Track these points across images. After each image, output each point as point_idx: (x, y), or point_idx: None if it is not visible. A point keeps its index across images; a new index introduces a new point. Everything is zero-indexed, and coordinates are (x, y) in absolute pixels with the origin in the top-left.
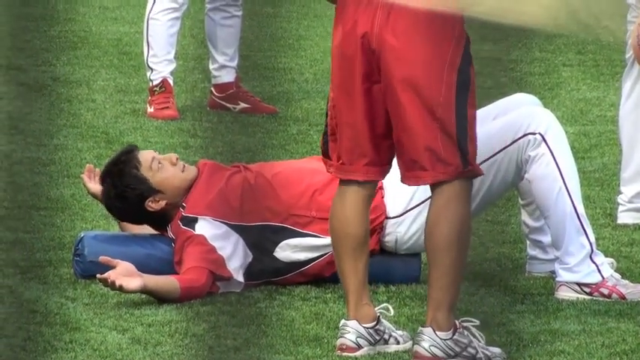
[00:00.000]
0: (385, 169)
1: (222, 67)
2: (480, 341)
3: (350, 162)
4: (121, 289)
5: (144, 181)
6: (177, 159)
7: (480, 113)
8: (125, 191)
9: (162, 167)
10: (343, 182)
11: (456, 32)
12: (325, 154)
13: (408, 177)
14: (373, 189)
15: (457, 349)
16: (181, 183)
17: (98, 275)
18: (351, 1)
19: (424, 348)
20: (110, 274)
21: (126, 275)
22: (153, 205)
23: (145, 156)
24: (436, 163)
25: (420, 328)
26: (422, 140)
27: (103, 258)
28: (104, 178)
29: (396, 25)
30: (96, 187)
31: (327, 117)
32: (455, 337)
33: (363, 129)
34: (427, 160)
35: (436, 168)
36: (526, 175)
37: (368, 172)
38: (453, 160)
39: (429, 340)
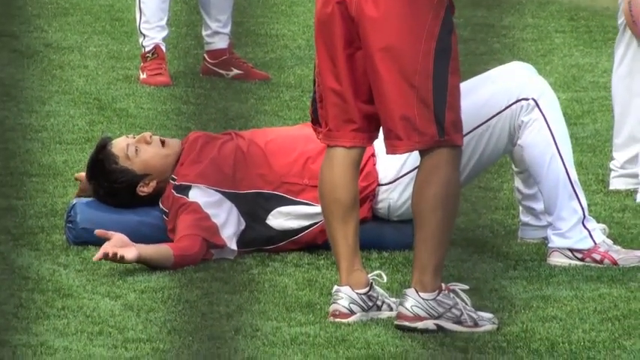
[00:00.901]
0: (373, 135)
1: (215, 33)
2: (466, 304)
3: (337, 128)
4: (122, 259)
5: (127, 172)
6: (150, 136)
7: (474, 81)
8: (113, 187)
9: (140, 150)
10: (331, 148)
11: (435, 1)
12: (315, 121)
13: (386, 145)
14: (361, 154)
15: (440, 309)
16: (164, 159)
17: (96, 257)
18: None
19: (406, 308)
20: (106, 248)
21: (121, 246)
22: (144, 189)
23: (119, 146)
24: (411, 133)
25: (404, 289)
26: (398, 109)
27: (98, 231)
28: (89, 180)
29: None
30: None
31: (314, 84)
32: (438, 297)
33: (349, 95)
34: (402, 129)
35: (411, 137)
36: (519, 142)
37: (355, 137)
38: (429, 130)
39: (412, 300)
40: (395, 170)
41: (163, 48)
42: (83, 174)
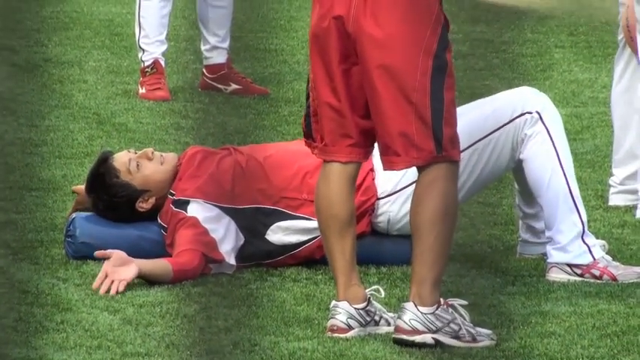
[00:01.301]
0: (369, 150)
1: (214, 48)
2: (464, 319)
3: (333, 143)
4: (124, 286)
5: (127, 186)
6: (152, 152)
7: (480, 100)
8: (113, 201)
9: (141, 166)
10: (327, 163)
11: (433, 18)
12: (307, 136)
13: (383, 162)
14: (357, 169)
15: (439, 323)
16: (163, 175)
17: (99, 288)
18: None
19: (404, 321)
20: (106, 268)
21: (120, 265)
22: (143, 205)
23: (121, 160)
24: (410, 149)
25: (403, 303)
26: (396, 125)
27: (97, 253)
28: (89, 193)
29: (373, 10)
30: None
31: (308, 98)
32: (437, 312)
33: (346, 110)
34: (400, 145)
35: (409, 153)
36: (521, 156)
37: (351, 152)
38: (427, 146)
39: (410, 313)
40: (394, 183)
41: (162, 63)
42: (81, 187)
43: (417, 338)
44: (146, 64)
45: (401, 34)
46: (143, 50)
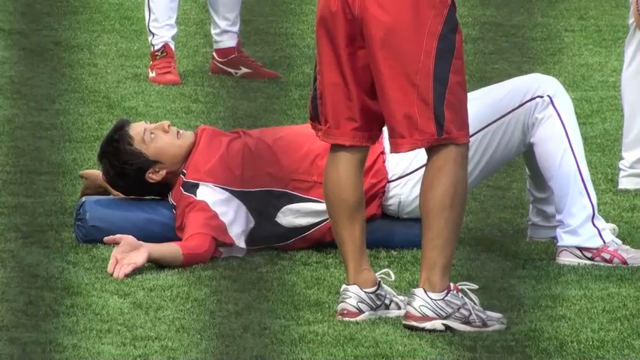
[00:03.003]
0: (373, 134)
1: (224, 31)
2: (475, 304)
3: (336, 125)
4: (135, 269)
5: (139, 154)
6: (169, 126)
7: (492, 85)
8: (124, 168)
9: (156, 137)
10: (334, 147)
11: (437, 0)
12: (313, 119)
13: (390, 144)
14: (365, 153)
15: (449, 309)
16: (178, 150)
17: (112, 273)
18: None
19: (414, 307)
20: (116, 254)
21: (130, 250)
22: (153, 176)
23: (137, 129)
24: (413, 131)
25: (412, 289)
26: (400, 108)
27: (107, 238)
28: (101, 159)
29: None
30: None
31: (315, 81)
32: (447, 297)
33: (351, 91)
34: (405, 127)
35: (413, 135)
36: (532, 139)
37: (355, 136)
38: (428, 128)
39: (420, 299)
40: (404, 166)
41: (172, 46)
42: (88, 171)
43: (427, 325)
44: (156, 47)
45: (405, 17)
46: (153, 34)
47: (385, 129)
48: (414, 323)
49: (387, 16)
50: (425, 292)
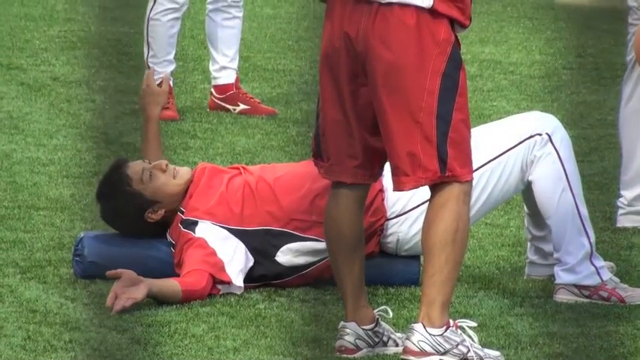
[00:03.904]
0: (375, 172)
1: (223, 68)
2: (473, 341)
3: (338, 163)
4: (134, 304)
5: (138, 195)
6: (166, 165)
7: (492, 123)
8: (123, 210)
9: (154, 177)
10: (335, 184)
11: (440, 38)
12: (316, 155)
13: (394, 182)
14: (366, 191)
15: (447, 345)
16: (175, 189)
17: (108, 308)
18: (339, 2)
19: (413, 342)
20: (116, 291)
21: (130, 285)
22: (152, 215)
23: (135, 169)
24: (417, 169)
25: (412, 324)
26: (403, 145)
27: (108, 273)
28: (99, 199)
29: (381, 32)
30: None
31: (318, 118)
32: (446, 334)
33: (353, 129)
34: (408, 165)
35: (416, 173)
36: (530, 177)
37: (356, 174)
38: (432, 166)
39: (419, 334)
40: (403, 204)
41: (171, 82)
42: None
43: None
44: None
45: (408, 55)
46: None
47: (386, 166)
48: (412, 358)
49: (391, 54)
50: (424, 327)
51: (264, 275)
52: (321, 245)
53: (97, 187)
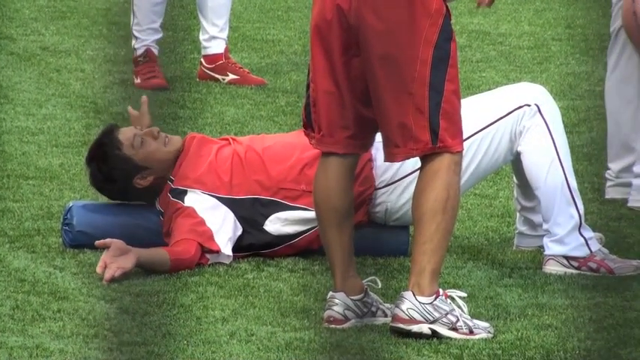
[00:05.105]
0: (367, 142)
1: (213, 38)
2: (462, 310)
3: (330, 133)
4: (124, 274)
5: (128, 160)
6: (158, 132)
7: (481, 94)
8: (111, 173)
9: (145, 143)
10: (325, 154)
11: (432, 8)
12: (306, 126)
13: (385, 153)
14: (356, 161)
15: (436, 314)
16: (166, 156)
17: (98, 277)
18: None
19: (402, 310)
20: (105, 258)
21: (119, 255)
22: (141, 181)
23: (126, 134)
24: (408, 140)
25: (402, 292)
26: (395, 116)
27: (97, 242)
28: (89, 163)
29: (374, 3)
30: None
31: (308, 89)
32: (435, 302)
33: (345, 99)
34: (399, 136)
35: (407, 144)
36: (519, 148)
37: (348, 144)
38: (423, 137)
39: (408, 302)
40: (391, 173)
41: (155, 51)
42: (131, 110)
43: (414, 328)
44: (138, 52)
45: (401, 26)
46: (135, 38)
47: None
48: (401, 325)
49: (384, 25)
50: (414, 295)
51: (253, 244)
52: (310, 214)
53: (87, 152)
